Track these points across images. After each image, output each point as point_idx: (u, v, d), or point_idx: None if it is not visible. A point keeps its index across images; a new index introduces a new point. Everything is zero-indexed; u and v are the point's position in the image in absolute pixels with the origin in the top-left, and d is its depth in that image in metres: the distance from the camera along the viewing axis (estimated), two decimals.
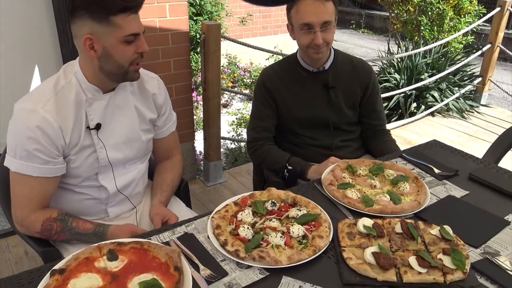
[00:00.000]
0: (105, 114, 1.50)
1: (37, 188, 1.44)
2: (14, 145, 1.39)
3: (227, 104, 6.00)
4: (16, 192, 1.45)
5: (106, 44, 1.38)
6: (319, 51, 1.88)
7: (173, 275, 1.10)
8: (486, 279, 1.16)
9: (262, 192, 1.51)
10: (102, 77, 1.45)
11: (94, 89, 1.47)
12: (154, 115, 1.68)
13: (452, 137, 4.57)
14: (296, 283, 1.13)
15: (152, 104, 1.67)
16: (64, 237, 1.48)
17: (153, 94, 1.66)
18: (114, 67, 1.42)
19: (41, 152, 1.38)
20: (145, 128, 1.65)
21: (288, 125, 2.08)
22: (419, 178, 1.62)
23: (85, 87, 1.46)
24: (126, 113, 1.58)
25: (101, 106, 1.49)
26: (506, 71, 8.06)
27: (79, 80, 1.46)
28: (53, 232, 1.46)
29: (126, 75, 1.46)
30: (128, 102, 1.58)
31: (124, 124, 1.57)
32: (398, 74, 5.24)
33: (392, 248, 1.26)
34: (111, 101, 1.52)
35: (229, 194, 3.35)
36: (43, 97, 1.41)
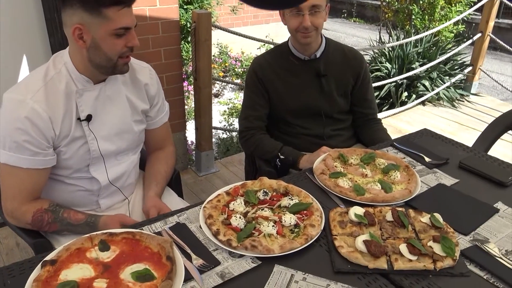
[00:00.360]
0: (96, 105, 1.49)
1: (28, 180, 1.42)
2: (3, 136, 1.36)
3: (219, 93, 5.97)
4: (6, 184, 1.43)
5: (96, 36, 1.35)
6: (307, 35, 1.87)
7: (165, 265, 1.10)
8: (475, 265, 1.17)
9: (254, 182, 1.51)
10: (91, 68, 1.43)
11: (85, 80, 1.45)
12: (147, 105, 1.66)
13: (442, 126, 4.60)
14: (288, 272, 1.14)
15: (144, 94, 1.65)
16: (55, 228, 1.47)
17: (145, 84, 1.64)
18: (103, 59, 1.40)
19: (30, 144, 1.37)
20: (137, 119, 1.64)
21: (280, 114, 2.08)
22: (410, 166, 1.63)
23: (75, 77, 1.44)
24: (118, 104, 1.56)
25: (92, 97, 1.47)
26: (496, 60, 8.12)
27: (69, 70, 1.44)
28: (44, 223, 1.45)
29: (115, 68, 1.44)
30: (120, 92, 1.56)
31: (116, 115, 1.55)
32: (389, 63, 5.25)
33: (383, 236, 1.27)
34: (102, 92, 1.50)
35: (221, 184, 3.35)
36: (33, 87, 1.38)
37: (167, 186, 1.82)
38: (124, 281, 1.06)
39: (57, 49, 2.74)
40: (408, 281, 1.12)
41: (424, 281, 1.12)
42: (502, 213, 1.41)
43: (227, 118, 5.11)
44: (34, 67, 2.85)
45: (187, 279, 1.09)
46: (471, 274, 1.15)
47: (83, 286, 1.04)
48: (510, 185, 1.58)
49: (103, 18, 1.33)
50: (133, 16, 1.40)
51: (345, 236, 1.26)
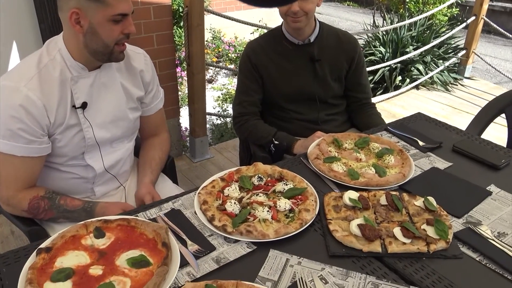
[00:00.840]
0: (91, 93, 1.47)
1: (23, 168, 1.41)
2: None
3: (212, 79, 5.93)
4: (1, 172, 1.42)
5: (93, 21, 1.34)
6: (297, 19, 1.85)
7: (161, 251, 1.11)
8: (468, 248, 1.19)
9: (249, 167, 1.51)
10: (87, 54, 1.41)
11: (79, 67, 1.43)
12: (142, 92, 1.65)
13: (436, 110, 4.61)
14: (283, 256, 1.14)
15: (139, 81, 1.63)
16: (52, 215, 1.47)
17: (140, 70, 1.63)
18: (100, 46, 1.38)
19: (25, 132, 1.35)
20: (132, 107, 1.63)
21: (274, 99, 2.07)
22: (404, 150, 1.64)
23: (70, 64, 1.42)
24: (113, 91, 1.54)
25: (87, 84, 1.45)
26: (490, 43, 8.11)
27: (64, 57, 1.42)
28: (41, 210, 1.45)
29: (111, 55, 1.42)
30: (115, 80, 1.55)
31: (111, 102, 1.54)
32: (383, 48, 5.23)
33: (377, 220, 1.28)
34: (97, 79, 1.48)
35: (215, 170, 3.35)
36: (26, 74, 1.36)
37: (161, 173, 1.81)
38: (119, 268, 1.06)
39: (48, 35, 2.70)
40: (402, 263, 1.13)
41: (418, 263, 1.13)
42: (494, 196, 1.42)
43: (221, 104, 5.08)
44: (24, 53, 2.81)
45: (183, 265, 1.10)
46: (464, 256, 1.16)
47: (79, 273, 1.04)
48: (503, 168, 1.59)
49: (101, 4, 1.32)
50: (130, 2, 1.39)
51: (340, 220, 1.26)
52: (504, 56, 7.36)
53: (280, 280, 1.06)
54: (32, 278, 0.99)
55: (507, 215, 1.33)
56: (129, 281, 1.02)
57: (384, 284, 1.06)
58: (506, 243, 1.20)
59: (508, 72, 6.00)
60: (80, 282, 1.01)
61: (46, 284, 1.00)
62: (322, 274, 1.08)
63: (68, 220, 1.49)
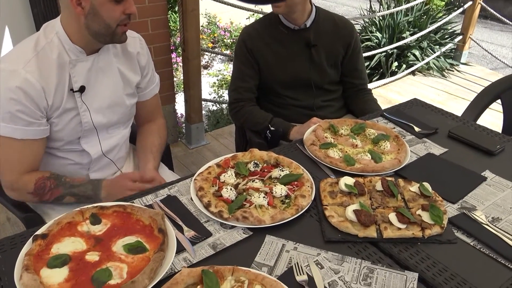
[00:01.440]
0: (89, 77, 1.46)
1: (24, 151, 1.40)
2: None
3: (208, 65, 5.90)
4: (3, 156, 1.40)
5: (94, 2, 1.33)
6: (276, 4, 1.85)
7: (157, 237, 1.11)
8: (462, 232, 1.20)
9: (245, 154, 1.51)
10: (87, 37, 1.40)
11: (78, 50, 1.42)
12: (138, 77, 1.64)
13: (432, 96, 4.61)
14: (279, 242, 1.15)
15: (136, 65, 1.63)
16: (58, 192, 1.46)
17: (137, 53, 1.62)
18: (102, 27, 1.37)
19: (24, 113, 1.34)
20: (129, 93, 1.62)
21: (270, 85, 2.06)
22: (400, 136, 1.64)
23: (68, 47, 1.41)
24: (110, 76, 1.54)
25: (85, 68, 1.44)
26: (486, 29, 8.09)
27: (62, 40, 1.40)
28: (47, 189, 1.44)
29: (113, 36, 1.41)
30: (112, 65, 1.54)
31: (108, 87, 1.53)
32: (379, 33, 5.21)
33: (372, 205, 1.28)
34: (95, 63, 1.47)
35: (211, 156, 3.35)
36: (24, 57, 1.35)
37: None
38: (116, 254, 1.06)
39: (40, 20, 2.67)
40: (397, 248, 1.14)
41: (413, 248, 1.14)
42: (489, 181, 1.43)
43: (217, 90, 5.06)
44: (17, 38, 2.78)
45: (179, 251, 1.10)
46: (458, 241, 1.17)
47: (75, 259, 1.04)
48: (498, 153, 1.60)
49: None
50: None
51: (336, 206, 1.27)
52: (500, 41, 7.35)
53: (276, 265, 1.07)
54: (29, 265, 0.99)
55: (501, 200, 1.34)
56: (126, 267, 1.02)
57: (379, 268, 1.07)
58: (500, 228, 1.21)
59: (505, 58, 6.01)
60: (76, 268, 1.01)
61: (42, 270, 1.00)
62: (318, 259, 1.09)
63: (74, 198, 1.48)
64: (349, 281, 1.03)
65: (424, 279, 1.05)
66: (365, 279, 1.04)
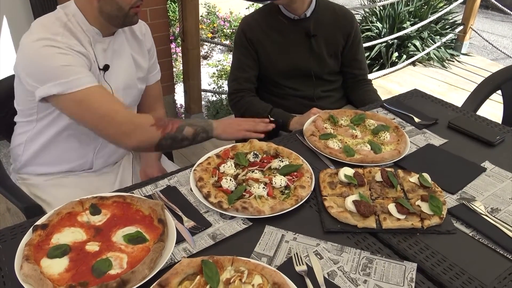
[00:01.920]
0: (106, 58, 1.47)
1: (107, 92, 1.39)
2: (51, 69, 1.28)
3: (207, 55, 5.86)
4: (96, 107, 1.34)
5: None
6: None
7: (157, 227, 1.11)
8: (461, 223, 1.20)
9: (244, 144, 1.51)
10: (102, 20, 1.40)
11: (95, 32, 1.42)
12: (147, 61, 1.66)
13: (432, 87, 4.60)
14: (279, 232, 1.15)
15: (144, 49, 1.64)
16: (178, 123, 1.44)
17: (144, 34, 1.63)
18: (114, 9, 1.37)
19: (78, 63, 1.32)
20: (140, 77, 1.63)
21: (269, 75, 2.05)
22: (400, 127, 1.63)
23: (85, 28, 1.40)
24: (124, 59, 1.55)
25: (102, 49, 1.45)
26: (488, 19, 8.04)
27: (79, 21, 1.39)
28: (167, 121, 1.43)
29: (126, 18, 1.41)
30: (125, 48, 1.55)
31: (123, 70, 1.54)
32: (380, 23, 5.17)
33: (372, 196, 1.28)
34: (111, 45, 1.48)
35: (211, 147, 3.32)
36: (55, 30, 1.33)
37: None
38: (116, 244, 1.07)
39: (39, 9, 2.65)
40: (396, 239, 1.14)
41: (412, 239, 1.14)
42: (489, 172, 1.43)
43: (217, 80, 5.04)
44: (15, 28, 2.77)
45: (179, 241, 1.10)
46: (457, 231, 1.17)
47: (76, 249, 1.04)
48: (498, 144, 1.60)
49: None
50: None
51: (335, 197, 1.27)
52: (501, 32, 7.30)
53: (275, 256, 1.08)
54: (29, 255, 0.99)
55: (500, 191, 1.34)
56: (126, 257, 1.03)
57: (378, 259, 1.07)
58: (499, 218, 1.21)
59: (505, 48, 5.98)
60: (77, 258, 1.02)
61: (43, 260, 1.00)
62: (317, 250, 1.09)
63: (192, 129, 1.45)
64: (348, 271, 1.04)
65: (423, 269, 1.05)
66: (364, 269, 1.04)
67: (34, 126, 1.48)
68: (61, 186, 1.56)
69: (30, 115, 1.46)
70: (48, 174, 1.57)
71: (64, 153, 1.54)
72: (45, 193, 1.56)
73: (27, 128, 1.50)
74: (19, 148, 1.55)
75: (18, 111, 1.50)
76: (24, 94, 1.40)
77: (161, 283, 0.93)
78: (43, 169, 1.57)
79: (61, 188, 1.55)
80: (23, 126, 1.52)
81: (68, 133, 1.50)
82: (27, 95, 1.39)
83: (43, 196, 1.55)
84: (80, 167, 1.59)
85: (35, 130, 1.49)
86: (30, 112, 1.45)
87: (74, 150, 1.55)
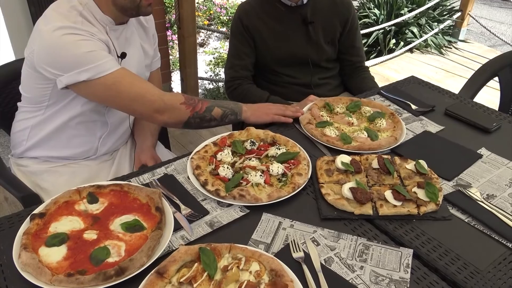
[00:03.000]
0: (120, 46, 1.47)
1: (133, 74, 1.40)
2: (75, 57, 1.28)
3: (204, 43, 5.83)
4: (127, 89, 1.36)
5: None
6: None
7: (154, 215, 1.11)
8: (457, 209, 1.21)
9: (241, 132, 1.50)
10: (115, 10, 1.40)
11: (108, 20, 1.42)
12: (152, 48, 1.67)
13: (429, 74, 4.59)
14: (276, 219, 1.16)
15: (150, 35, 1.66)
16: (207, 103, 1.49)
17: (147, 20, 1.64)
18: (128, 1, 1.37)
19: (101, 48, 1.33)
20: (148, 64, 1.66)
21: (266, 63, 2.04)
22: (396, 114, 1.63)
23: (99, 17, 1.40)
24: (134, 47, 1.56)
25: (115, 37, 1.45)
26: (486, 5, 8.00)
27: (92, 11, 1.39)
28: (196, 100, 1.48)
29: (139, 9, 1.41)
30: (135, 37, 1.57)
31: (134, 58, 1.55)
32: (377, 10, 5.14)
33: (369, 183, 1.29)
34: (123, 34, 1.49)
35: (208, 135, 3.34)
36: (73, 18, 1.32)
37: None
38: (114, 232, 1.07)
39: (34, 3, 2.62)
40: (392, 225, 1.15)
41: (408, 225, 1.15)
42: (485, 159, 1.44)
43: (213, 68, 5.02)
44: (10, 19, 2.73)
45: (177, 229, 1.11)
46: (453, 217, 1.18)
47: (73, 237, 1.05)
48: (494, 131, 1.60)
49: None
50: None
51: (332, 184, 1.27)
52: (499, 18, 7.27)
53: (272, 243, 1.08)
54: (27, 243, 1.00)
55: (496, 177, 1.35)
56: (124, 245, 1.03)
57: (374, 245, 1.08)
58: (494, 204, 1.22)
59: (503, 35, 5.95)
60: (75, 246, 1.02)
61: (41, 249, 1.01)
62: (314, 237, 1.10)
63: (221, 110, 1.51)
64: (345, 258, 1.04)
65: (418, 255, 1.06)
66: (360, 256, 1.05)
67: (43, 112, 1.48)
68: (60, 174, 1.56)
69: (40, 102, 1.45)
70: (50, 160, 1.57)
71: (71, 140, 1.54)
72: (43, 181, 1.56)
73: (34, 114, 1.50)
74: (23, 133, 1.55)
75: (24, 97, 1.50)
76: (36, 81, 1.39)
77: (159, 270, 0.94)
78: (47, 154, 1.56)
79: (59, 176, 1.56)
80: (29, 112, 1.51)
81: (78, 120, 1.50)
82: (40, 83, 1.38)
83: (41, 184, 1.55)
84: (84, 153, 1.60)
85: (43, 117, 1.49)
86: (40, 99, 1.44)
87: (81, 137, 1.55)
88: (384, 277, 1.00)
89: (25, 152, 1.58)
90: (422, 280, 1.00)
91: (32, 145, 1.55)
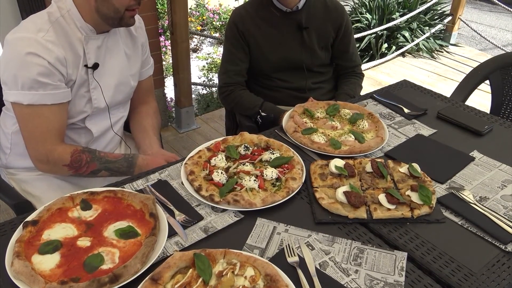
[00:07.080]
0: (99, 55, 1.47)
1: (53, 118, 1.40)
2: (16, 77, 1.31)
3: (197, 48, 5.83)
4: (32, 128, 1.39)
5: None
6: None
7: (148, 221, 1.11)
8: (450, 212, 1.22)
9: (235, 137, 1.50)
10: (98, 19, 1.40)
11: (89, 29, 1.42)
12: (140, 57, 1.66)
13: (422, 77, 4.62)
14: (270, 224, 1.16)
15: (138, 44, 1.64)
16: (94, 167, 1.47)
17: (137, 28, 1.63)
18: (111, 11, 1.37)
19: (48, 77, 1.33)
20: (133, 73, 1.64)
21: (260, 68, 2.04)
22: (373, 113, 1.65)
23: (80, 25, 1.40)
24: (117, 56, 1.55)
25: (96, 46, 1.45)
26: (476, 9, 8.07)
27: (74, 18, 1.39)
28: (83, 162, 1.45)
29: (121, 20, 1.41)
30: (119, 46, 1.55)
31: (116, 67, 1.54)
32: (369, 14, 5.18)
33: (362, 187, 1.29)
34: (105, 42, 1.48)
35: (202, 140, 3.34)
36: (41, 27, 1.34)
37: None
38: (107, 239, 1.06)
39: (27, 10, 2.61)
40: (387, 229, 1.15)
41: (402, 228, 1.16)
42: (477, 161, 1.45)
43: (207, 73, 5.02)
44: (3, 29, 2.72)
45: (171, 235, 1.10)
46: (446, 220, 1.19)
47: (67, 245, 1.04)
48: (486, 134, 1.62)
49: None
50: None
51: (326, 188, 1.28)
52: (489, 22, 7.34)
53: (267, 248, 1.08)
54: (20, 251, 0.99)
55: (489, 180, 1.36)
56: (118, 251, 1.03)
57: (369, 249, 1.08)
58: (487, 207, 1.23)
59: (493, 38, 6.01)
60: (68, 253, 1.01)
61: (34, 256, 1.00)
62: (309, 241, 1.10)
63: (109, 173, 1.50)
64: (340, 262, 1.04)
65: (413, 258, 1.07)
66: (355, 259, 1.05)
67: None
68: (51, 181, 1.55)
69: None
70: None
71: None
72: (34, 188, 1.55)
73: (14, 120, 1.48)
74: (5, 139, 1.55)
75: (6, 103, 1.50)
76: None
77: (153, 277, 0.93)
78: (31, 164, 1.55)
79: (50, 183, 1.55)
80: (10, 118, 1.50)
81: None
82: None
83: (32, 191, 1.54)
84: None
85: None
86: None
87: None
88: (379, 281, 1.00)
89: (11, 162, 1.58)
90: (417, 283, 1.00)
91: (15, 152, 1.54)
